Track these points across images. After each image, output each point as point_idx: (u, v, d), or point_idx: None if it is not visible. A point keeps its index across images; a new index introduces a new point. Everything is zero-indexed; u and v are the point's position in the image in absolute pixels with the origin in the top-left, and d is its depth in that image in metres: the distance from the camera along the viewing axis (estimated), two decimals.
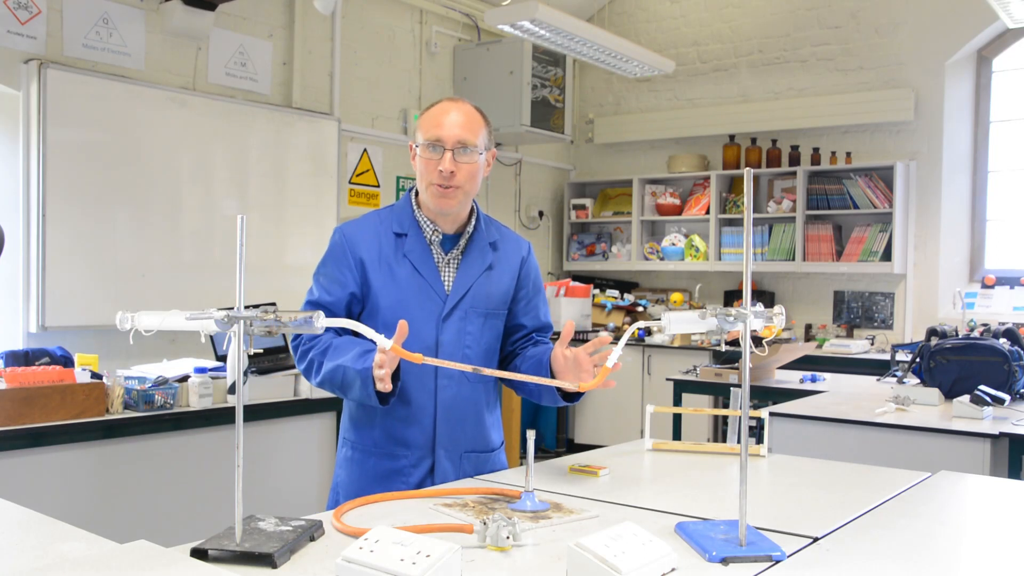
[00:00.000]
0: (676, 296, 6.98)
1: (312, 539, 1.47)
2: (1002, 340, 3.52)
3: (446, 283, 2.07)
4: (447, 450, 2.05)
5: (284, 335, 4.12)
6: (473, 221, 2.12)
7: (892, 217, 6.14)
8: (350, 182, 5.98)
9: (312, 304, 2.02)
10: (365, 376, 1.84)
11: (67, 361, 3.36)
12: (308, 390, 3.70)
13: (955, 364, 3.48)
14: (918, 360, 3.66)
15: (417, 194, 2.10)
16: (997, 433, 2.89)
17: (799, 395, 3.81)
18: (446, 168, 1.99)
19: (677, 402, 4.67)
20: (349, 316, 2.03)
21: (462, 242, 2.10)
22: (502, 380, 2.16)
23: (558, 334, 1.95)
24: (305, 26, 5.65)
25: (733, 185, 6.96)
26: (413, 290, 2.03)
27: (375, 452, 2.04)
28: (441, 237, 2.08)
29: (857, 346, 5.93)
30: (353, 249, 2.04)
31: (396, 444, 2.03)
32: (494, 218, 2.24)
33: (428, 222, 2.08)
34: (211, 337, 3.13)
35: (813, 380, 4.31)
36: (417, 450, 2.03)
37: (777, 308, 1.49)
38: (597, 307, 7.00)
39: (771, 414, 2.96)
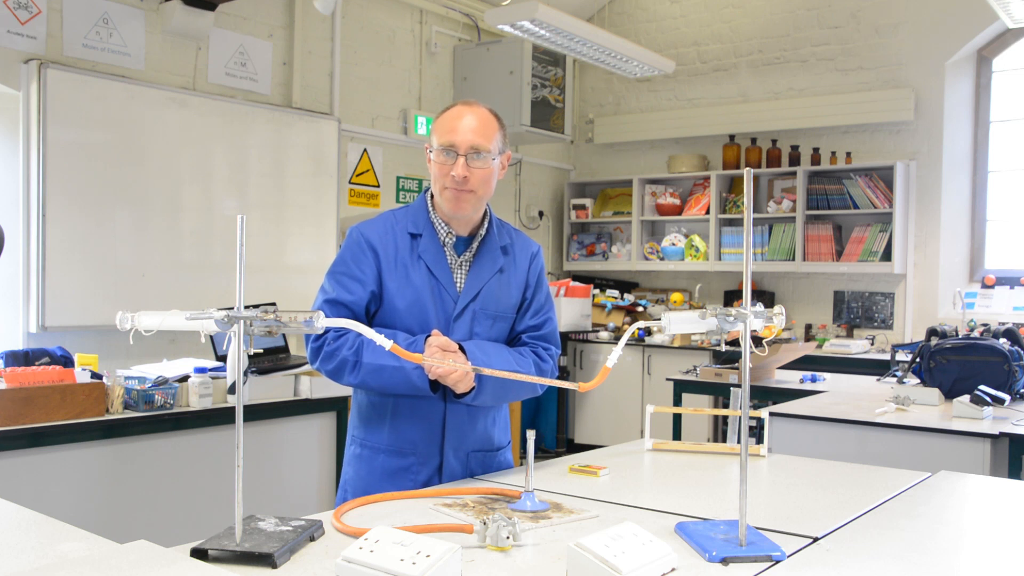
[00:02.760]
0: (676, 296, 6.97)
1: (312, 539, 1.47)
2: (1002, 340, 3.52)
3: (458, 284, 2.09)
4: (455, 449, 2.07)
5: (284, 335, 4.14)
6: (486, 224, 2.14)
7: (892, 217, 6.14)
8: (350, 182, 5.98)
9: (330, 303, 2.03)
10: (420, 371, 1.94)
11: (67, 361, 3.35)
12: (308, 390, 3.69)
13: (955, 364, 3.48)
14: (918, 360, 3.65)
15: (433, 196, 2.11)
16: (997, 433, 2.89)
17: (799, 395, 3.81)
18: (459, 173, 2.00)
19: (677, 402, 4.67)
20: (367, 314, 2.05)
21: (475, 245, 2.12)
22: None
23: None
24: (305, 26, 5.65)
25: (733, 185, 6.96)
26: (427, 291, 2.05)
27: (384, 450, 2.06)
28: (455, 239, 2.09)
29: (857, 346, 5.93)
30: (371, 248, 2.06)
31: (405, 442, 2.05)
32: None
33: (442, 224, 2.09)
34: (211, 337, 3.13)
35: (813, 380, 4.31)
36: (425, 448, 2.05)
37: (777, 308, 1.49)
38: (597, 307, 7.00)
39: (771, 414, 2.96)
